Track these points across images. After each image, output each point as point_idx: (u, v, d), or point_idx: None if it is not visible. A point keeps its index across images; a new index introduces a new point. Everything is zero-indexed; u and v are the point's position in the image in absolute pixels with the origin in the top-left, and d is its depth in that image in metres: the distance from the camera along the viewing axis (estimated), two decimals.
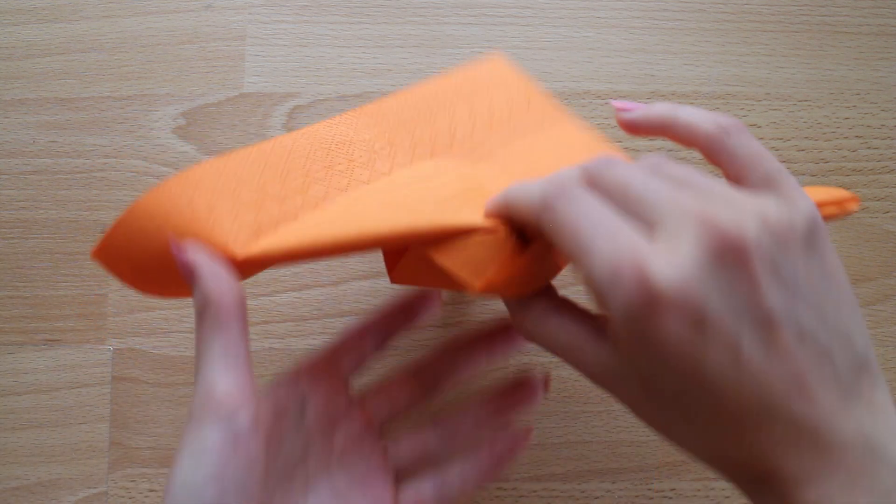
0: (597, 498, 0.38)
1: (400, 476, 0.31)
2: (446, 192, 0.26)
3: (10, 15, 0.42)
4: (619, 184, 0.22)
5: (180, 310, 0.40)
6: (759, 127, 0.40)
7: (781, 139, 0.40)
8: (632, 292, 0.19)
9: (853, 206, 0.28)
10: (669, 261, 0.19)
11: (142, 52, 0.41)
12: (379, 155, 0.29)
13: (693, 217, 0.20)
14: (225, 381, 0.23)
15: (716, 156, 0.24)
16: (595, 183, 0.22)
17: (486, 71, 0.32)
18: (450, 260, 0.24)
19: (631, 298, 0.20)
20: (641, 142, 0.40)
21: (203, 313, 0.23)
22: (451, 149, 0.30)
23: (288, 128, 0.40)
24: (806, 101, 0.41)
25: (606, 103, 0.40)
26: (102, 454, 0.39)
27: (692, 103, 0.40)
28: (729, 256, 0.20)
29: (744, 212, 0.20)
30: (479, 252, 0.24)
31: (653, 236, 0.20)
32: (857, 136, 0.40)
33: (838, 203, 0.28)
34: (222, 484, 0.22)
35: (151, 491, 0.39)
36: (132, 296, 0.40)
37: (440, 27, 0.41)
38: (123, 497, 0.39)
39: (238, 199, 0.25)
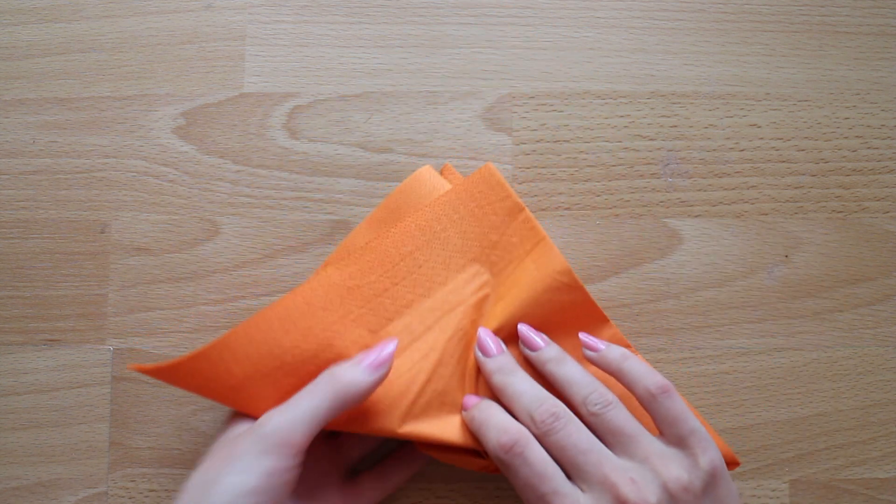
0: None
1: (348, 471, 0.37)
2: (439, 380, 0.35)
3: (10, 15, 0.42)
4: (564, 446, 0.31)
5: (180, 310, 0.40)
6: (759, 127, 0.40)
7: (781, 139, 0.40)
8: None
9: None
10: None
11: (142, 52, 0.41)
12: (383, 297, 0.36)
13: (610, 491, 0.30)
14: (301, 431, 0.30)
15: (645, 410, 0.33)
16: (545, 437, 0.32)
17: (475, 192, 0.37)
18: (445, 458, 0.36)
19: None
20: (641, 141, 0.40)
21: (333, 376, 0.32)
22: (442, 288, 0.37)
23: (288, 128, 0.40)
24: (806, 101, 0.41)
25: (606, 103, 0.40)
26: (102, 454, 0.39)
27: (692, 103, 0.40)
28: None
29: (650, 484, 0.30)
30: (467, 458, 0.35)
31: (583, 490, 0.31)
32: (857, 136, 0.40)
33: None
34: (262, 497, 0.29)
35: (151, 491, 0.39)
36: (132, 296, 0.40)
37: (440, 27, 0.41)
38: (123, 497, 0.39)
39: (267, 367, 0.34)
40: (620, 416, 0.32)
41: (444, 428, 0.35)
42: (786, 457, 0.39)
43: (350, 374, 0.32)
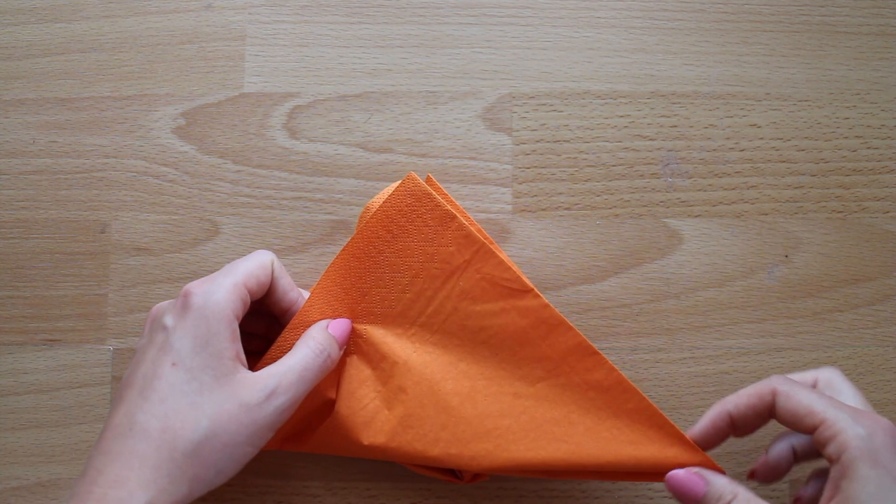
0: (597, 498, 0.38)
1: None
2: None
3: (10, 15, 0.42)
4: None
5: None
6: (759, 127, 0.40)
7: (781, 139, 0.40)
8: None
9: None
10: None
11: (142, 52, 0.41)
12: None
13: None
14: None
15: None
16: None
17: (403, 206, 0.36)
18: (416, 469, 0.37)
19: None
20: (641, 141, 0.40)
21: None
22: (390, 312, 0.36)
23: (288, 128, 0.40)
24: (806, 101, 0.41)
25: (606, 103, 0.40)
26: None
27: (692, 103, 0.40)
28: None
29: None
30: (438, 474, 0.37)
31: None
32: (857, 136, 0.40)
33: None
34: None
35: None
36: (132, 296, 0.40)
37: (440, 27, 0.41)
38: None
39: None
40: None
41: (413, 456, 0.35)
42: None
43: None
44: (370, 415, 0.35)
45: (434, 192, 0.36)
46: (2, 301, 0.40)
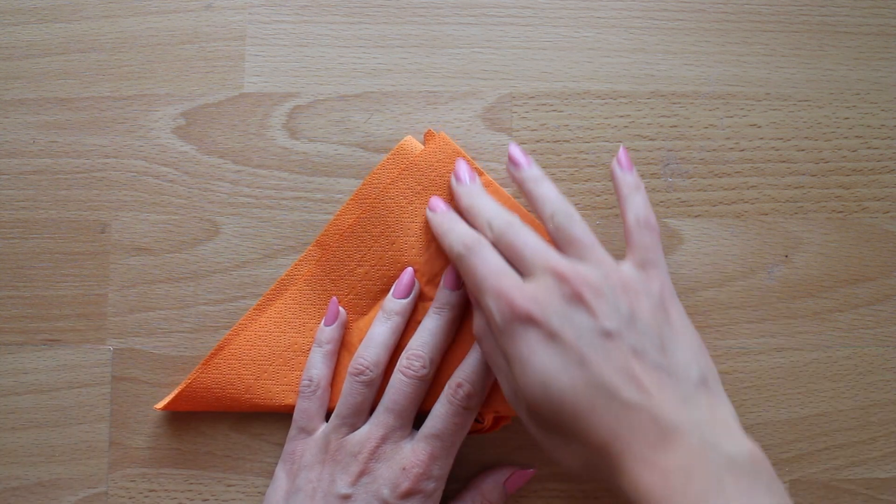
0: (596, 498, 0.38)
1: None
2: None
3: (10, 15, 0.42)
4: (513, 244, 0.33)
5: (180, 310, 0.40)
6: (759, 127, 0.40)
7: (781, 139, 0.40)
8: (504, 308, 0.31)
9: None
10: (534, 295, 0.31)
11: (142, 52, 0.41)
12: (365, 281, 0.39)
13: (551, 272, 0.31)
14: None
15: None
16: (498, 240, 0.34)
17: (433, 161, 0.38)
18: None
19: (503, 312, 0.31)
20: (641, 141, 0.40)
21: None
22: (418, 259, 0.38)
23: (288, 128, 0.40)
24: (806, 101, 0.41)
25: (606, 103, 0.40)
26: (102, 454, 0.39)
27: (692, 103, 0.40)
28: (576, 296, 0.30)
29: (593, 270, 0.31)
30: None
31: (527, 279, 0.32)
32: (857, 136, 0.40)
33: None
34: None
35: (151, 491, 0.39)
36: (132, 296, 0.40)
37: (440, 27, 0.41)
38: (123, 497, 0.39)
39: (273, 366, 0.38)
40: (580, 228, 0.33)
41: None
42: (786, 457, 0.39)
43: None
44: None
45: (463, 151, 0.39)
46: (2, 301, 0.40)
